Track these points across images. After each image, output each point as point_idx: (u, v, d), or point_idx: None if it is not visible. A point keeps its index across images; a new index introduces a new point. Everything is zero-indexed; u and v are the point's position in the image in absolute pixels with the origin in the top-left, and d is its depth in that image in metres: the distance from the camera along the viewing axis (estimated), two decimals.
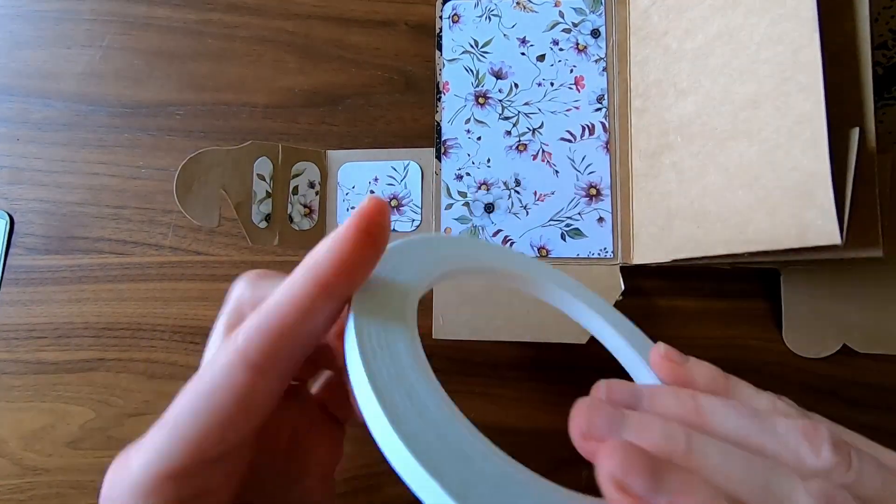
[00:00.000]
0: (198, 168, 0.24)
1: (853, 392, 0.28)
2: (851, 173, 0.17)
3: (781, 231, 0.18)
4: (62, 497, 0.28)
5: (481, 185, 0.28)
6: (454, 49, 0.29)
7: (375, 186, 0.29)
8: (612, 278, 0.27)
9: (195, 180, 0.24)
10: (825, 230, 0.17)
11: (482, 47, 0.29)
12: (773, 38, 0.19)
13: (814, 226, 0.17)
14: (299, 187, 0.28)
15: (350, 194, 0.29)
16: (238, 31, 0.31)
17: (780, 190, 0.18)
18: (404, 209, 0.29)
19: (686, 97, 0.23)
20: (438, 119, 0.29)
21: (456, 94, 0.29)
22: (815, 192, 0.17)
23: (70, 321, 0.29)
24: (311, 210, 0.29)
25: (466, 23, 0.29)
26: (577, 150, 0.28)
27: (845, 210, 0.17)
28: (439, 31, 0.29)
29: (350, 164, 0.29)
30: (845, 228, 0.17)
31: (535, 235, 0.28)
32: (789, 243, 0.18)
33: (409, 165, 0.29)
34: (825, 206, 0.16)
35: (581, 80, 0.29)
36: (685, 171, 0.23)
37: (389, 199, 0.29)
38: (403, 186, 0.29)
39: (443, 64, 0.29)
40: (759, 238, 0.19)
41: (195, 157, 0.24)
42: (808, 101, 0.17)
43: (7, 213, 0.30)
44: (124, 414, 0.28)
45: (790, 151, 0.18)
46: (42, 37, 0.31)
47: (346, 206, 0.29)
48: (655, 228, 0.25)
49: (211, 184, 0.24)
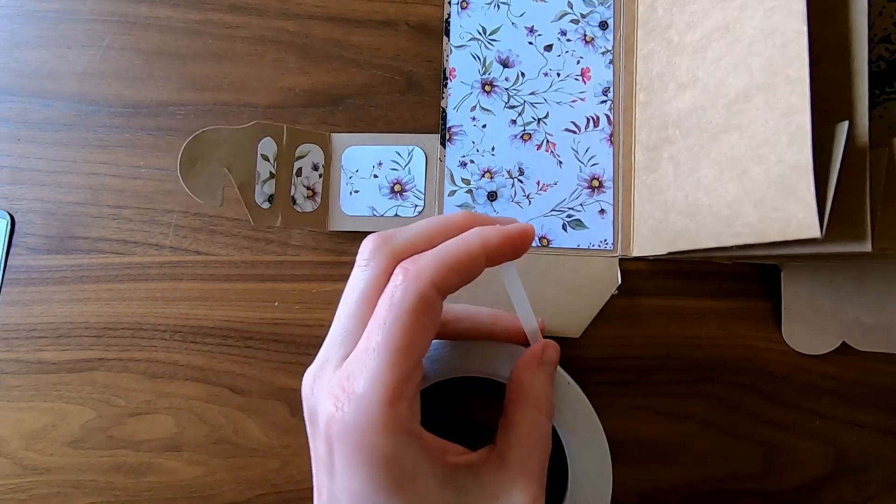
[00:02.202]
0: (202, 147, 0.25)
1: (853, 391, 0.28)
2: (836, 167, 0.17)
3: (766, 224, 0.19)
4: (63, 497, 0.28)
5: (485, 172, 0.29)
6: (462, 36, 0.30)
7: (379, 171, 0.30)
8: (611, 270, 0.27)
9: (199, 158, 0.24)
10: (805, 223, 0.17)
11: (490, 35, 0.30)
12: (766, 31, 0.19)
13: (795, 219, 0.17)
14: (303, 169, 0.29)
15: (353, 178, 0.30)
16: (239, 31, 0.31)
17: (766, 183, 0.19)
18: (407, 194, 0.29)
19: (685, 91, 0.24)
20: (444, 105, 0.29)
21: (462, 80, 0.30)
22: (798, 184, 0.17)
23: (71, 321, 0.30)
24: (315, 192, 0.29)
25: (475, 10, 0.30)
26: (581, 141, 0.29)
27: (826, 203, 0.17)
28: (448, 17, 0.30)
29: (354, 148, 0.30)
30: (825, 222, 0.17)
31: (536, 225, 0.29)
32: (773, 236, 0.18)
33: (413, 151, 0.29)
34: (806, 199, 0.17)
35: (587, 72, 0.29)
36: (681, 165, 0.24)
37: (393, 183, 0.29)
38: (407, 172, 0.29)
39: (450, 50, 0.30)
40: (745, 231, 0.20)
41: (199, 135, 0.25)
42: (795, 94, 0.18)
43: (8, 213, 0.30)
44: (125, 413, 0.29)
45: (776, 145, 0.18)
46: (42, 37, 0.32)
47: (349, 190, 0.30)
48: (654, 221, 0.26)
49: (215, 163, 0.25)
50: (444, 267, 0.18)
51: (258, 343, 0.29)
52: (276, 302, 0.30)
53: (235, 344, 0.29)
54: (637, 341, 0.29)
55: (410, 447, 0.18)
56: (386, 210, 0.29)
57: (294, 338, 0.29)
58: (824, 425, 0.28)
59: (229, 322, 0.30)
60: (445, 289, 0.18)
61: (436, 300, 0.18)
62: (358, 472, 0.17)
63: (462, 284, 0.19)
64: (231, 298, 0.30)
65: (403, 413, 0.17)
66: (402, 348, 0.17)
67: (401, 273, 0.18)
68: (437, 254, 0.19)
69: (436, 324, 0.19)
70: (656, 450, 0.28)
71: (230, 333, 0.29)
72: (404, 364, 0.17)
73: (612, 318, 0.28)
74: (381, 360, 0.17)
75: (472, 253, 0.19)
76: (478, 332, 0.25)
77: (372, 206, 0.29)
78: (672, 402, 0.28)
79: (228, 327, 0.30)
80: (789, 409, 0.28)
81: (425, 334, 0.18)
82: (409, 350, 0.17)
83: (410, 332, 0.17)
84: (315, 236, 0.30)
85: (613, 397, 0.28)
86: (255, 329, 0.30)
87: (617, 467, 0.25)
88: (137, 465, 0.29)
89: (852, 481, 0.28)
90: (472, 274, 0.19)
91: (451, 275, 0.18)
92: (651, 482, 0.28)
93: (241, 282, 0.30)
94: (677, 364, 0.29)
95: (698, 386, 0.28)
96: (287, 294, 0.30)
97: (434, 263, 0.18)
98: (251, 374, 0.29)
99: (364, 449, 0.17)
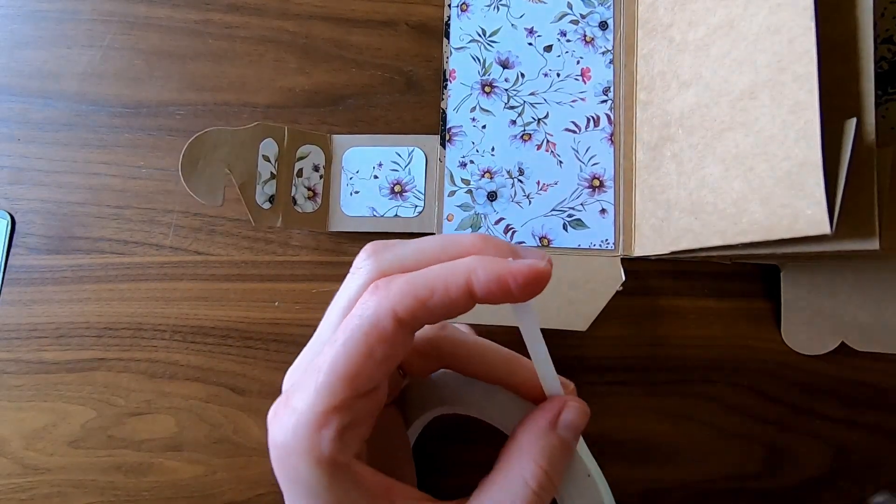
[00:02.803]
0: (204, 147, 0.25)
1: (853, 391, 0.28)
2: (846, 163, 0.17)
3: (774, 221, 0.19)
4: (64, 496, 0.28)
5: (485, 173, 0.29)
6: (462, 38, 0.30)
7: (379, 171, 0.30)
8: (613, 269, 0.28)
9: (201, 158, 0.25)
10: (815, 219, 0.17)
11: (490, 36, 0.30)
12: (772, 27, 0.19)
13: (804, 215, 0.18)
14: (304, 170, 0.29)
15: (354, 178, 0.30)
16: (239, 31, 0.31)
17: (774, 180, 0.19)
18: (407, 195, 0.29)
19: (688, 89, 0.24)
20: (444, 106, 0.30)
21: (462, 82, 0.30)
22: (807, 181, 0.17)
23: (71, 321, 0.30)
24: (315, 193, 0.29)
25: (475, 12, 0.30)
26: (581, 141, 0.29)
27: (836, 199, 0.17)
28: (447, 20, 0.30)
29: (355, 149, 0.30)
30: (836, 218, 0.17)
31: (536, 225, 0.29)
32: (781, 233, 0.18)
33: (413, 152, 0.30)
34: (816, 195, 0.17)
35: (588, 72, 0.29)
36: (684, 163, 0.24)
37: (393, 184, 0.30)
38: (407, 172, 0.29)
39: (450, 52, 0.30)
40: (752, 228, 0.20)
41: (201, 135, 0.25)
42: (803, 90, 0.18)
43: (8, 213, 0.30)
44: (125, 413, 0.29)
45: (784, 141, 0.18)
46: (42, 37, 0.32)
47: (350, 191, 0.30)
48: (656, 220, 0.26)
49: (216, 163, 0.25)
50: (412, 297, 0.16)
51: (258, 343, 0.30)
52: (275, 302, 0.30)
53: (235, 344, 0.30)
54: (637, 341, 0.29)
55: (335, 480, 0.16)
56: (386, 211, 0.29)
57: (294, 338, 0.30)
58: (824, 425, 0.28)
59: (229, 322, 0.30)
60: (411, 322, 0.16)
61: (395, 332, 0.16)
62: (286, 492, 0.17)
63: (436, 320, 0.16)
64: (231, 298, 0.30)
65: (328, 442, 0.16)
66: (345, 376, 0.16)
67: (368, 293, 0.17)
68: (411, 279, 0.16)
69: (394, 356, 0.16)
70: (656, 450, 0.28)
71: (230, 333, 0.30)
72: (342, 392, 0.16)
73: (613, 318, 0.29)
74: (319, 381, 0.16)
75: (451, 286, 0.16)
76: (488, 379, 0.21)
77: (372, 207, 0.30)
78: (672, 402, 0.29)
79: (228, 327, 0.30)
80: (789, 409, 0.28)
81: (376, 366, 0.16)
82: (352, 379, 0.16)
83: (357, 360, 0.16)
84: (315, 237, 0.30)
85: (613, 397, 0.29)
86: (254, 329, 0.30)
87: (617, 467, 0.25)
88: (138, 464, 0.29)
89: (852, 481, 0.28)
90: (448, 311, 0.16)
91: (419, 308, 0.16)
92: (651, 482, 0.28)
93: (240, 282, 0.30)
94: (677, 364, 0.29)
95: (698, 386, 0.29)
96: (287, 294, 0.30)
97: (404, 289, 0.16)
98: (251, 374, 0.29)
99: (287, 469, 0.16)
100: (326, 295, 0.30)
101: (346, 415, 0.16)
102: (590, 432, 0.28)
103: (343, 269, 0.30)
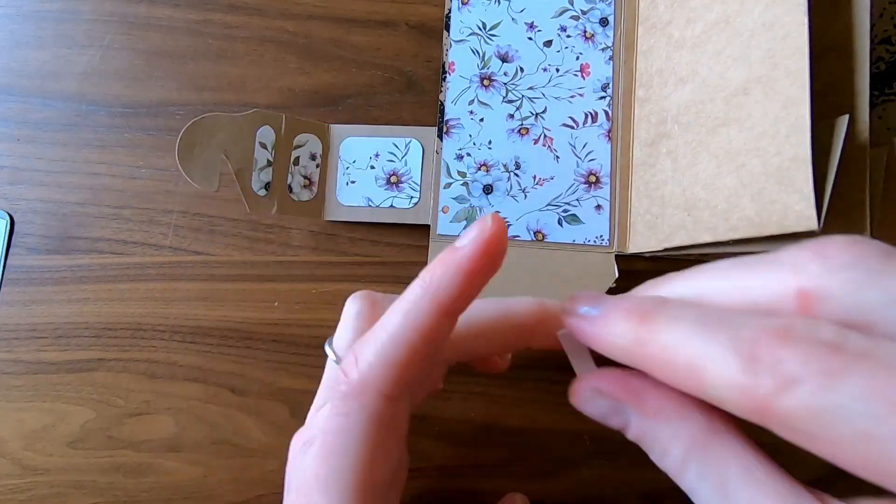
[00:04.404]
0: (200, 132, 0.25)
1: None
2: (836, 160, 0.18)
3: (764, 217, 0.19)
4: (63, 497, 0.29)
5: (481, 166, 0.29)
6: (462, 30, 0.30)
7: (376, 162, 0.30)
8: (607, 265, 0.28)
9: (197, 143, 0.25)
10: (803, 215, 0.17)
11: (490, 30, 0.30)
12: (766, 23, 0.20)
13: (792, 211, 0.18)
14: (300, 158, 0.29)
15: (350, 168, 0.30)
16: (238, 31, 0.31)
17: (764, 175, 0.19)
18: (403, 186, 0.30)
19: (684, 85, 0.24)
20: (442, 99, 0.30)
21: (461, 74, 0.30)
22: (796, 176, 0.18)
23: (70, 321, 0.30)
24: (311, 182, 0.30)
25: (476, 5, 0.30)
26: (578, 136, 0.29)
27: (825, 196, 0.17)
28: (448, 12, 0.31)
29: (352, 139, 0.30)
30: (823, 215, 0.17)
31: (532, 219, 0.29)
32: (771, 229, 0.19)
33: (410, 143, 0.30)
34: (804, 190, 0.17)
35: (587, 68, 0.30)
36: (679, 159, 0.24)
37: (389, 175, 0.30)
38: (404, 163, 0.30)
39: (450, 44, 0.30)
40: (742, 225, 0.20)
41: (198, 121, 0.25)
42: (795, 85, 0.18)
43: (7, 213, 0.31)
44: (125, 414, 0.29)
45: (775, 137, 0.19)
46: (42, 37, 0.32)
47: (346, 180, 0.30)
48: (651, 217, 0.26)
49: (213, 148, 0.26)
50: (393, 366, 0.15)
51: (258, 343, 0.30)
52: (275, 302, 0.30)
53: (235, 344, 0.30)
54: None
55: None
56: (382, 201, 0.30)
57: (294, 338, 0.30)
58: None
59: (229, 322, 0.30)
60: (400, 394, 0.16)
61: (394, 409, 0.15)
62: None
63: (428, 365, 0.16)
64: (231, 298, 0.30)
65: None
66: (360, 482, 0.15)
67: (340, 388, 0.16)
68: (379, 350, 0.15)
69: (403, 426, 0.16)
70: None
71: (230, 334, 0.30)
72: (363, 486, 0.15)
73: None
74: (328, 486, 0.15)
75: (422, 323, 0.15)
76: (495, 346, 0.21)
77: (368, 197, 0.30)
78: None
79: (228, 327, 0.30)
80: None
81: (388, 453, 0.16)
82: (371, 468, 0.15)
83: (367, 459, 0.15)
84: (315, 236, 0.30)
85: None
86: (254, 329, 0.30)
87: (617, 467, 0.25)
88: (137, 465, 0.29)
89: (852, 481, 0.28)
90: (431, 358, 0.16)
91: (406, 372, 0.15)
92: (651, 482, 0.28)
93: (240, 282, 0.30)
94: None
95: None
96: (287, 294, 0.30)
97: (379, 364, 0.15)
98: (251, 374, 0.29)
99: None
100: (326, 295, 0.30)
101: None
102: (589, 431, 0.28)
103: (343, 269, 0.30)
